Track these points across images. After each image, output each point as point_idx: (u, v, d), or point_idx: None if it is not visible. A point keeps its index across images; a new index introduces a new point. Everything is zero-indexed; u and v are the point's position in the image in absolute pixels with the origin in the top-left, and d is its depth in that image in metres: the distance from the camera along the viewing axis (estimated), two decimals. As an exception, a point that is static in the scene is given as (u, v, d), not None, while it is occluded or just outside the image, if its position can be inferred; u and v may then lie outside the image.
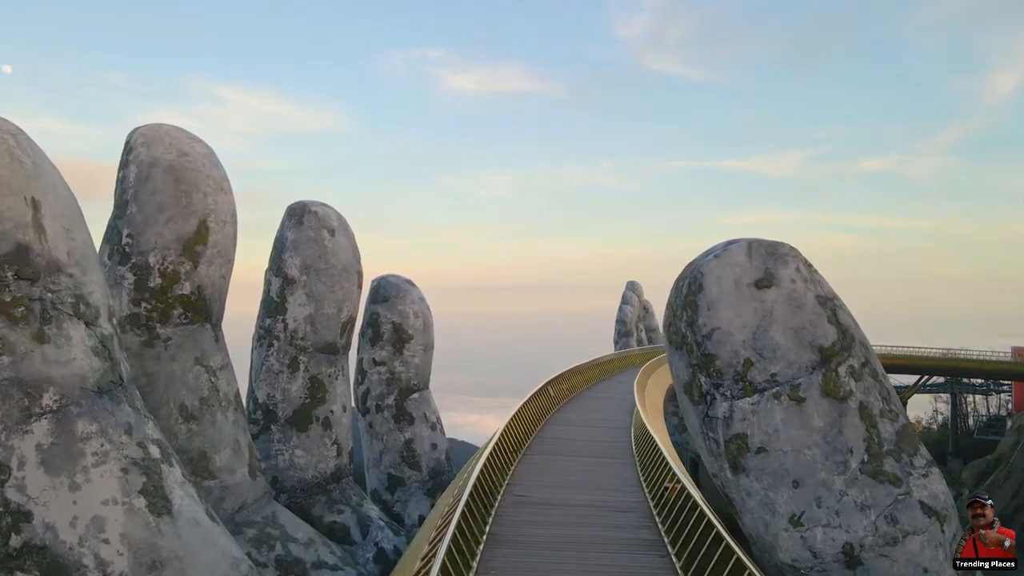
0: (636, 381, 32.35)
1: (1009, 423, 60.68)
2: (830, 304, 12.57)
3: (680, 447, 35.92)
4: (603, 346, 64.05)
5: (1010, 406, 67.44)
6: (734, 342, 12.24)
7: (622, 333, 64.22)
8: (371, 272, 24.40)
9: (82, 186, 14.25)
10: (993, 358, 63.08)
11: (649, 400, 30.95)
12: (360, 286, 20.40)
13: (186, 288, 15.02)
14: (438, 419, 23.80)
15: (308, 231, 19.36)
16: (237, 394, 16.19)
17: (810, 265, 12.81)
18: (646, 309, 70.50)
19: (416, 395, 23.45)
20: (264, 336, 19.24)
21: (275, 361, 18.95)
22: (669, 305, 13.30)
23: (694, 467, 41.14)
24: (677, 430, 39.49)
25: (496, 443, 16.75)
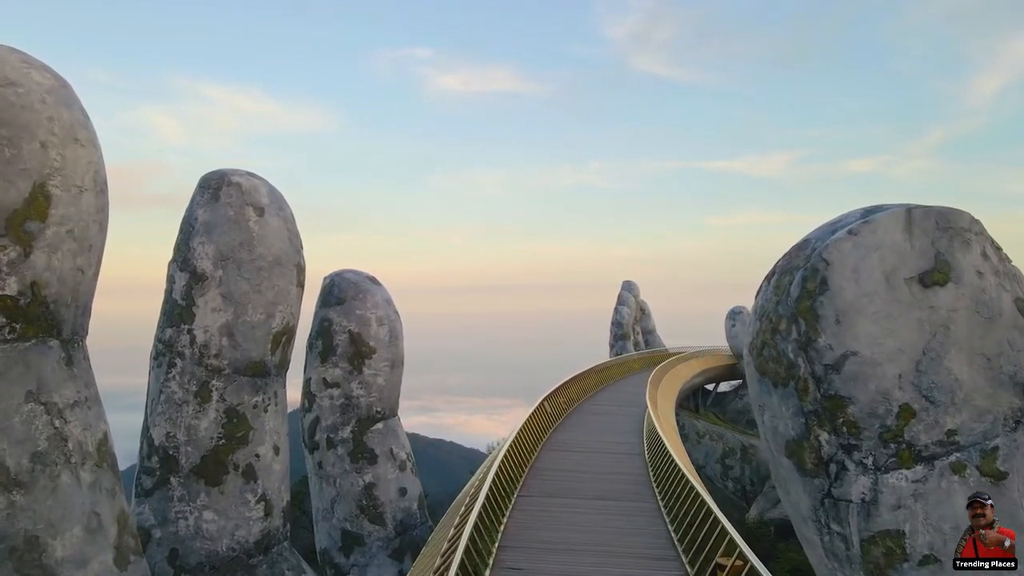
0: (648, 395, 29.33)
1: None
2: (1034, 312, 7.65)
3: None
4: (597, 347, 60.11)
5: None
6: (883, 377, 7.34)
7: (619, 336, 60.01)
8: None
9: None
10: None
11: (666, 420, 26.83)
12: (301, 284, 15.23)
13: (11, 286, 9.86)
14: (408, 456, 18.53)
15: (226, 209, 14.15)
16: (103, 442, 11.01)
17: (999, 248, 7.85)
18: (643, 310, 66.76)
19: (380, 425, 18.17)
20: (163, 353, 14.01)
21: (177, 387, 13.73)
22: (762, 314, 8.27)
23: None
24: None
25: (486, 496, 12.85)
